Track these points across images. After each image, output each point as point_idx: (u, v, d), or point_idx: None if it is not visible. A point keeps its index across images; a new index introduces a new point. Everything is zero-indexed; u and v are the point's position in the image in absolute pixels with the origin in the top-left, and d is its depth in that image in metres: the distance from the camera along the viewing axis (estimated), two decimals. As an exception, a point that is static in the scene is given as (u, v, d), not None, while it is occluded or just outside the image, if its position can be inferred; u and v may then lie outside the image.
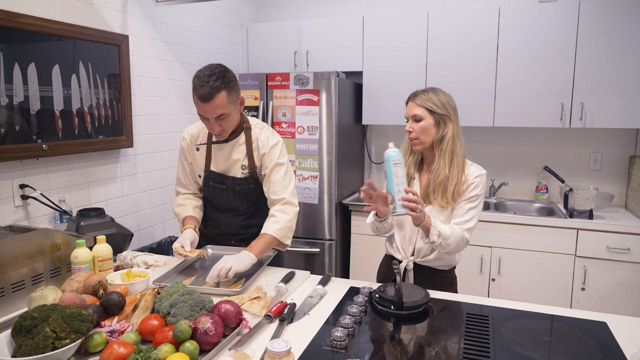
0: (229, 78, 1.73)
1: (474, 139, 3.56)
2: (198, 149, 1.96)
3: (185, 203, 2.01)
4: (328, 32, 3.51)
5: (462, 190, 1.69)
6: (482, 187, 1.71)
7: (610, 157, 3.30)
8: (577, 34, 2.94)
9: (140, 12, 2.71)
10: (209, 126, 1.78)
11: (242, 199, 1.96)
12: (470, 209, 1.69)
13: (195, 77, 1.71)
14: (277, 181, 1.87)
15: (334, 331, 1.26)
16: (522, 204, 3.40)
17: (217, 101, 1.69)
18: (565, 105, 3.03)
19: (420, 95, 1.72)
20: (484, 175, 1.72)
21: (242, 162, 1.91)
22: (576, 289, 2.90)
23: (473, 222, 1.69)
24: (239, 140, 1.91)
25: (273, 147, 1.89)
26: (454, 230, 1.64)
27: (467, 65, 3.19)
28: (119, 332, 1.28)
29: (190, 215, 1.96)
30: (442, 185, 1.68)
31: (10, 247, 1.48)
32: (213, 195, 1.98)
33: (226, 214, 2.02)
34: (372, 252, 3.24)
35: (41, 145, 2.09)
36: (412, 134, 1.72)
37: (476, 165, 1.75)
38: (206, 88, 1.66)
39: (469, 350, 1.23)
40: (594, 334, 1.33)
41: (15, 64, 1.97)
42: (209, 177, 1.95)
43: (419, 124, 1.70)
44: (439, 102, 1.70)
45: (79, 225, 2.01)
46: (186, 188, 2.05)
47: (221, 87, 1.69)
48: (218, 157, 1.93)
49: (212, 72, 1.69)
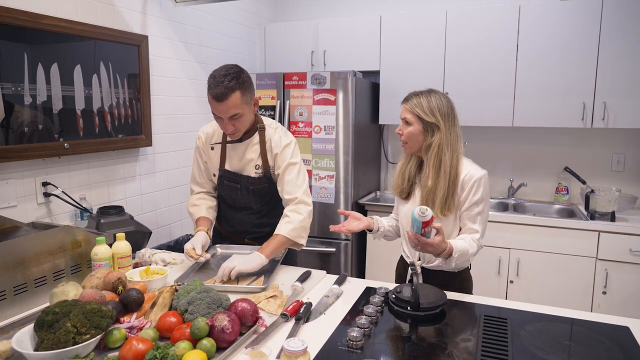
0: (244, 79, 1.75)
1: (492, 139, 3.52)
2: (213, 148, 1.99)
3: (199, 203, 2.04)
4: (345, 32, 3.50)
5: (454, 204, 1.63)
6: (484, 189, 1.64)
7: (633, 158, 3.22)
8: (600, 31, 2.88)
9: (160, 13, 2.74)
10: (223, 125, 1.80)
11: (256, 198, 1.97)
12: (478, 214, 1.65)
13: (211, 76, 1.73)
14: (290, 181, 1.88)
15: (350, 331, 1.26)
16: (542, 205, 3.35)
17: (231, 101, 1.71)
18: (587, 104, 2.97)
19: (412, 99, 1.68)
20: (484, 177, 1.65)
21: (256, 162, 1.93)
22: (597, 293, 2.84)
23: (482, 225, 1.66)
24: (253, 140, 1.92)
25: (286, 147, 1.90)
26: (471, 244, 1.61)
27: (485, 65, 3.15)
28: (138, 329, 1.29)
29: (204, 216, 1.99)
30: (430, 196, 1.65)
31: (33, 243, 1.51)
32: (227, 194, 2.00)
33: (240, 213, 2.03)
34: (388, 252, 3.22)
35: (63, 144, 2.13)
36: (402, 137, 1.71)
37: (475, 166, 1.68)
38: (220, 88, 1.68)
39: (487, 352, 1.22)
40: (616, 339, 1.30)
41: (38, 64, 2.01)
42: (223, 176, 1.98)
43: (407, 128, 1.69)
44: (429, 108, 1.63)
45: (99, 223, 2.05)
46: (201, 186, 2.08)
47: (235, 87, 1.70)
48: (232, 157, 1.95)
49: (227, 72, 1.71)
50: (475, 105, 3.21)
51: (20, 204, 2.02)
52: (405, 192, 1.78)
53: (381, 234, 1.85)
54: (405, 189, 1.78)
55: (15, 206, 2.00)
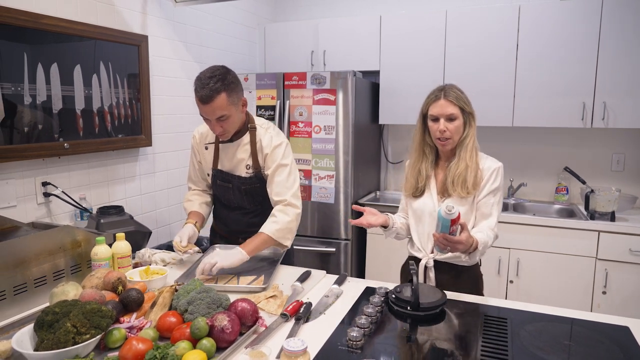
0: (230, 80, 1.74)
1: (492, 139, 3.51)
2: (207, 148, 2.01)
3: (193, 199, 2.09)
4: (345, 32, 3.50)
5: (479, 181, 1.68)
6: (501, 179, 1.71)
7: (633, 158, 3.22)
8: (600, 31, 2.88)
9: (160, 13, 2.74)
10: (211, 127, 1.82)
11: (248, 198, 1.99)
12: (494, 204, 1.69)
13: (197, 78, 1.73)
14: (280, 182, 1.88)
15: (349, 331, 1.26)
16: (542, 205, 3.35)
17: (217, 103, 1.71)
18: (587, 104, 2.97)
19: (451, 92, 1.66)
20: (501, 167, 1.72)
21: (247, 162, 1.94)
22: (597, 293, 2.84)
23: (496, 217, 1.70)
24: (244, 140, 1.93)
25: (276, 147, 1.90)
26: (488, 234, 1.63)
27: (485, 65, 3.15)
28: (138, 329, 1.29)
29: (196, 211, 2.03)
30: (461, 177, 1.66)
31: (33, 243, 1.51)
32: (221, 194, 2.03)
33: (234, 212, 2.05)
34: (388, 252, 3.22)
35: (63, 144, 2.13)
36: (446, 133, 1.66)
37: (491, 158, 1.74)
38: (206, 90, 1.69)
39: (487, 352, 1.22)
40: (616, 339, 1.30)
41: (38, 64, 2.01)
42: (216, 176, 2.00)
43: (453, 124, 1.66)
44: (467, 99, 1.69)
45: (99, 223, 2.05)
46: (195, 184, 2.12)
47: (221, 89, 1.70)
48: (224, 157, 1.97)
49: (213, 74, 1.72)
50: (475, 105, 3.14)
51: (20, 204, 2.02)
52: (421, 190, 1.77)
53: (395, 231, 1.82)
54: (421, 187, 1.76)
55: (15, 206, 2.00)
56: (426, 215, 1.74)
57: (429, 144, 1.76)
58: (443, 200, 1.71)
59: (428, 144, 1.76)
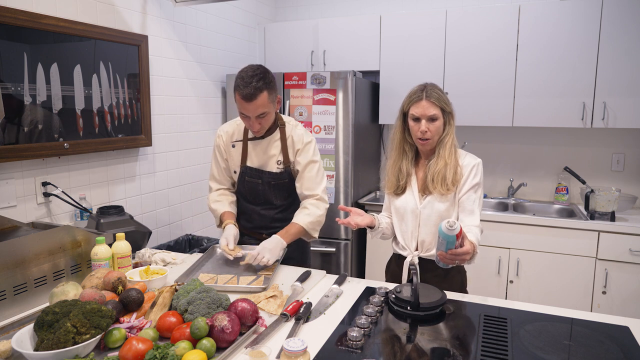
0: (270, 79, 1.81)
1: (492, 139, 3.52)
2: (234, 146, 2.03)
3: (221, 199, 2.10)
4: (345, 32, 3.50)
5: (458, 178, 1.69)
6: (481, 175, 1.72)
7: (633, 158, 3.22)
8: (600, 31, 2.88)
9: (160, 13, 2.74)
10: (249, 124, 1.86)
11: (276, 193, 2.03)
12: (476, 200, 1.70)
13: (238, 77, 1.79)
14: (310, 178, 1.97)
15: (349, 331, 1.26)
16: (542, 205, 3.35)
17: (259, 101, 1.77)
18: (587, 104, 2.97)
19: (433, 93, 1.67)
20: (480, 163, 1.73)
21: (278, 158, 1.99)
22: (597, 292, 2.84)
23: (479, 213, 1.71)
24: (275, 137, 1.99)
25: (308, 144, 1.98)
26: (476, 233, 1.64)
27: (485, 64, 3.15)
28: (138, 329, 1.29)
29: (228, 211, 2.06)
30: (441, 174, 1.68)
31: (33, 243, 1.51)
32: (248, 190, 2.05)
33: (260, 207, 2.08)
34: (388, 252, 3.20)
35: (63, 144, 2.13)
36: (427, 134, 1.67)
37: (470, 154, 1.75)
38: (249, 88, 1.74)
39: (487, 352, 1.22)
40: (616, 339, 1.30)
41: (38, 64, 2.01)
42: (244, 173, 2.03)
43: (434, 124, 1.67)
44: (447, 100, 1.70)
45: (99, 223, 2.05)
46: (220, 183, 2.13)
47: (263, 87, 1.77)
48: (254, 153, 2.01)
49: (255, 72, 1.78)
50: (475, 105, 3.21)
51: (20, 203, 2.02)
52: (402, 187, 1.79)
53: (380, 231, 1.86)
54: (402, 184, 1.79)
55: (15, 206, 2.00)
56: (408, 213, 1.77)
57: (409, 142, 1.78)
58: (424, 197, 1.73)
59: (408, 142, 1.78)
